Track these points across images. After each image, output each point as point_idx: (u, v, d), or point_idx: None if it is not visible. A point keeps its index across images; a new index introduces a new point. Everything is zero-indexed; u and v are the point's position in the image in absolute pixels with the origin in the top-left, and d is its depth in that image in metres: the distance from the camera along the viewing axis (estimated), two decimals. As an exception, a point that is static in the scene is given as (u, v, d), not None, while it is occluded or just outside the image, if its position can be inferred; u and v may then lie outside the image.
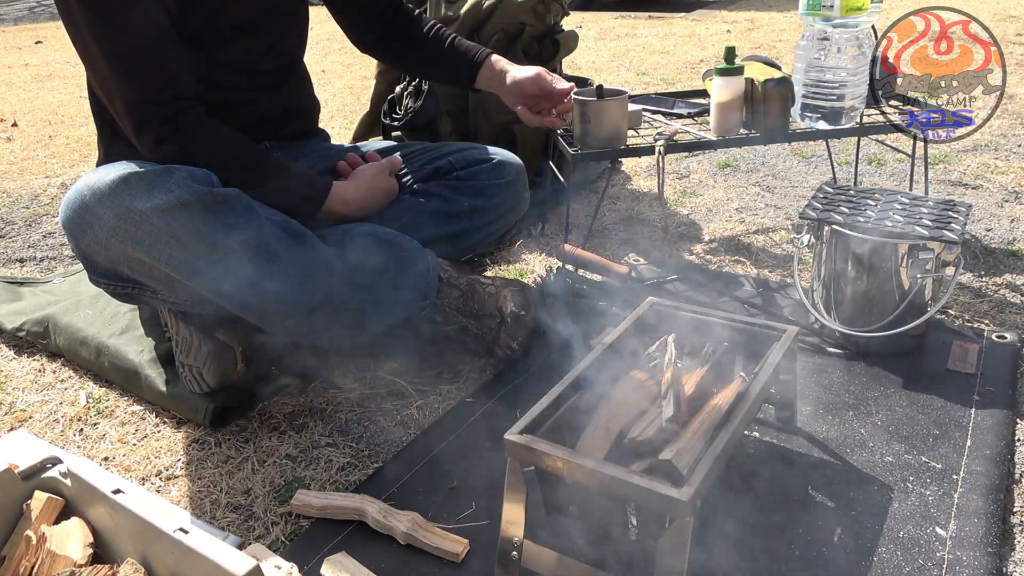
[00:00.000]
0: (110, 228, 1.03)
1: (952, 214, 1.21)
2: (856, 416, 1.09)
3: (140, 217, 1.02)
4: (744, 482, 0.98)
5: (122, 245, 1.05)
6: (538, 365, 1.27)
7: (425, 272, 1.22)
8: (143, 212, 1.02)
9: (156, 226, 1.02)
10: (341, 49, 4.90)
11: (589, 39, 4.58)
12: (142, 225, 1.02)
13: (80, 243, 1.08)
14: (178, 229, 1.03)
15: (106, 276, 1.13)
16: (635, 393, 0.92)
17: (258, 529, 0.96)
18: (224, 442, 1.13)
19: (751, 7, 5.59)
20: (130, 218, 1.02)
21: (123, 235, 1.03)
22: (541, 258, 1.69)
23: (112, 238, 1.04)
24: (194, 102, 1.14)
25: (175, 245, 1.03)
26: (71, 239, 1.09)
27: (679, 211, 1.93)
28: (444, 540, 0.89)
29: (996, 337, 1.25)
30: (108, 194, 1.03)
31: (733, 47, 1.47)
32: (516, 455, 0.81)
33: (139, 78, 1.09)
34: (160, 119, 1.11)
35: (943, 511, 0.91)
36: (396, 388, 1.24)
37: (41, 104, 3.69)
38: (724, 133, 1.50)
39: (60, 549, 0.77)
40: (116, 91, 1.10)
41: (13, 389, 1.30)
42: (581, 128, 1.47)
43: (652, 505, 0.74)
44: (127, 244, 1.04)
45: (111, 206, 1.03)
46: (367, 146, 1.50)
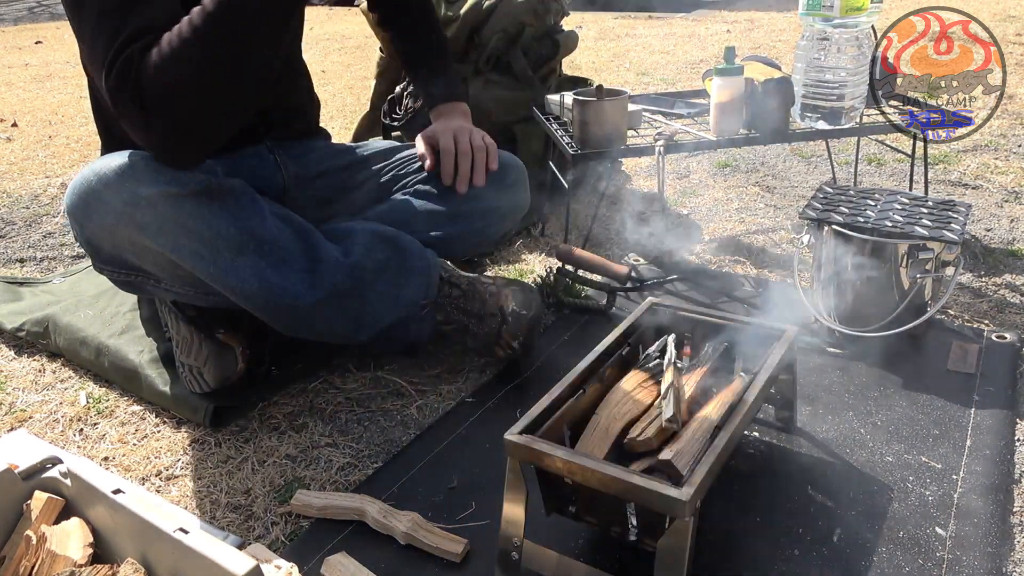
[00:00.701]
0: (116, 213, 1.03)
1: (952, 214, 1.21)
2: (856, 416, 1.09)
3: (146, 203, 1.02)
4: (744, 482, 0.98)
5: (127, 231, 1.05)
6: (538, 365, 1.27)
7: (426, 271, 1.22)
8: (149, 198, 1.02)
9: (162, 212, 1.02)
10: (341, 49, 4.90)
11: (589, 39, 4.58)
12: (148, 211, 1.02)
13: (85, 229, 1.08)
14: (183, 216, 1.03)
15: (110, 263, 1.13)
16: (635, 393, 0.92)
17: (258, 529, 0.96)
18: (224, 442, 1.13)
19: (751, 7, 5.59)
20: (136, 203, 1.02)
21: (128, 220, 1.03)
22: (541, 258, 1.69)
23: (118, 223, 1.04)
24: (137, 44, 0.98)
25: (180, 232, 1.03)
26: (75, 225, 1.09)
27: (679, 211, 1.93)
28: (444, 540, 0.89)
29: (996, 337, 1.25)
30: (114, 180, 1.03)
31: (733, 47, 1.47)
32: (516, 455, 0.81)
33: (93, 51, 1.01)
34: (111, 82, 0.98)
35: (943, 511, 0.91)
36: (396, 388, 1.24)
37: (41, 104, 3.69)
38: (724, 133, 1.50)
39: (60, 549, 0.77)
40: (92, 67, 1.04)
41: (13, 389, 1.30)
42: (581, 128, 1.47)
43: (652, 505, 0.74)
44: (132, 230, 1.04)
45: (117, 191, 1.03)
46: (367, 146, 1.50)
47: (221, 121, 1.05)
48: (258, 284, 1.06)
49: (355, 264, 1.15)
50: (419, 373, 1.27)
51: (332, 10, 7.03)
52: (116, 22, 0.98)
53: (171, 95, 0.98)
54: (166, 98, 0.99)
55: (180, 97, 0.99)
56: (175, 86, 0.98)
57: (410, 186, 1.43)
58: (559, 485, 0.82)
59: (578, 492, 0.81)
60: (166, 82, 0.97)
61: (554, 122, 1.68)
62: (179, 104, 0.99)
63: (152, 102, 0.98)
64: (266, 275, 1.07)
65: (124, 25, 0.98)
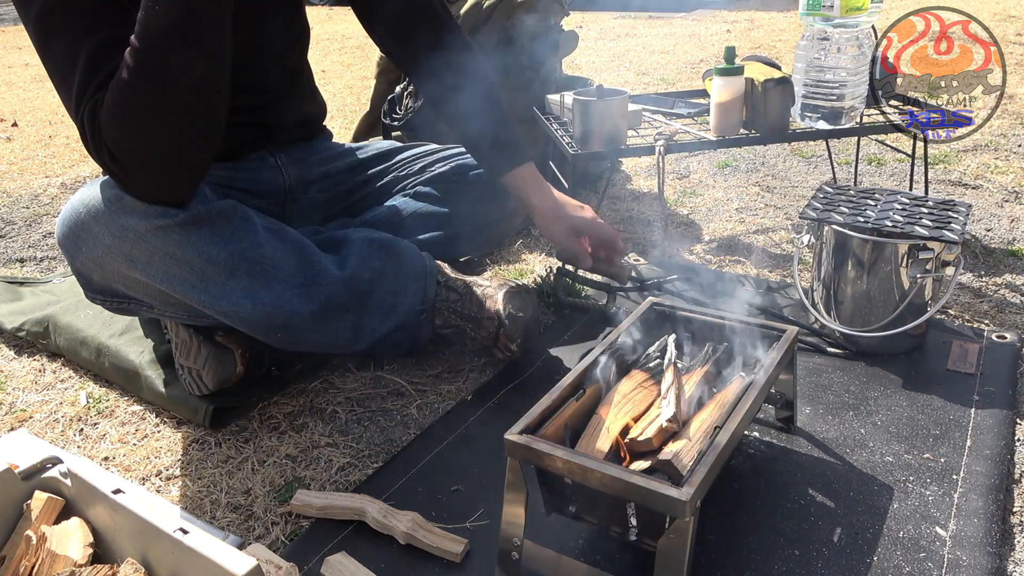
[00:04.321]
0: (105, 247, 1.03)
1: (952, 214, 1.21)
2: (856, 416, 1.09)
3: (135, 235, 1.01)
4: (744, 482, 0.98)
5: (116, 264, 1.04)
6: (538, 365, 1.27)
7: (423, 276, 1.21)
8: (137, 230, 1.01)
9: (151, 244, 1.01)
10: (341, 49, 4.90)
11: (589, 39, 4.58)
12: (137, 244, 1.01)
13: (76, 261, 1.08)
14: (172, 246, 1.02)
15: (101, 293, 1.12)
16: (635, 393, 0.92)
17: (258, 529, 0.96)
18: (224, 442, 1.13)
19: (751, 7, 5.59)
20: (125, 236, 1.01)
21: (118, 253, 1.03)
22: (541, 258, 1.69)
23: (107, 256, 1.03)
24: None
25: (170, 262, 1.02)
26: (67, 256, 1.08)
27: (679, 211, 1.93)
28: (444, 540, 0.89)
29: (996, 337, 1.25)
30: (103, 212, 1.02)
31: (733, 47, 1.47)
32: (516, 455, 0.81)
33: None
34: (83, 137, 0.99)
35: (943, 511, 0.91)
36: (396, 388, 1.24)
37: (41, 104, 3.69)
38: (724, 133, 1.50)
39: (60, 549, 0.77)
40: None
41: (13, 389, 1.30)
42: (581, 128, 1.47)
43: (652, 505, 0.74)
44: (121, 263, 1.03)
45: (106, 224, 1.02)
46: (368, 147, 1.50)
47: (189, 154, 1.01)
48: (251, 305, 1.05)
49: (351, 276, 1.14)
50: (419, 373, 1.27)
51: (332, 10, 7.04)
52: (72, 78, 0.97)
53: (129, 140, 0.97)
54: (125, 145, 0.97)
55: (139, 141, 0.97)
56: (129, 132, 0.96)
57: (410, 188, 1.43)
58: (559, 485, 0.82)
59: (578, 492, 0.81)
60: (120, 130, 0.96)
61: (554, 122, 1.68)
62: (143, 148, 0.97)
63: (117, 150, 0.97)
64: (259, 295, 1.06)
65: (82, 81, 0.96)
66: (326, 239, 1.23)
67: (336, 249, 1.19)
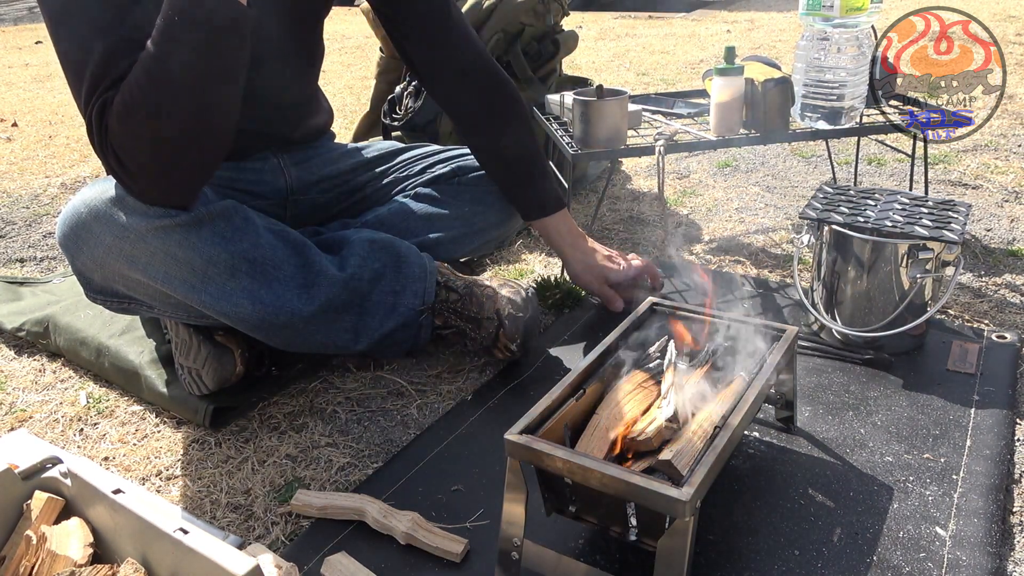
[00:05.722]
0: (105, 247, 1.03)
1: (952, 214, 1.21)
2: (856, 416, 1.09)
3: (136, 236, 1.01)
4: (744, 482, 0.98)
5: (117, 264, 1.04)
6: (538, 365, 1.27)
7: (423, 277, 1.21)
8: (139, 231, 1.01)
9: (152, 245, 1.01)
10: (341, 49, 4.90)
11: (589, 39, 4.58)
12: (138, 244, 1.02)
13: (76, 261, 1.08)
14: (173, 247, 1.02)
15: (102, 293, 1.12)
16: (635, 393, 0.92)
17: (258, 529, 0.96)
18: (224, 442, 1.13)
19: (751, 7, 5.59)
20: (126, 236, 1.01)
21: (118, 254, 1.03)
22: (541, 258, 1.69)
23: (107, 256, 1.04)
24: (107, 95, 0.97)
25: (171, 263, 1.03)
26: (67, 256, 1.09)
27: (679, 211, 1.93)
28: (444, 540, 0.89)
29: (996, 337, 1.25)
30: (104, 212, 1.02)
31: (733, 47, 1.47)
32: (516, 455, 0.81)
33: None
34: (90, 135, 0.99)
35: (943, 511, 0.91)
36: (396, 388, 1.24)
37: (41, 104, 3.69)
38: (724, 133, 1.50)
39: (60, 549, 0.77)
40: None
41: (13, 389, 1.30)
42: (581, 128, 1.47)
43: (652, 505, 0.74)
44: (122, 263, 1.04)
45: (107, 224, 1.02)
46: (369, 148, 1.50)
47: (195, 164, 1.01)
48: (251, 305, 1.06)
49: (351, 276, 1.15)
50: (419, 373, 1.27)
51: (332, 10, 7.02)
52: (84, 71, 0.97)
53: (136, 147, 0.97)
54: (131, 150, 0.97)
55: (146, 148, 0.97)
56: (136, 139, 0.96)
57: (411, 188, 1.44)
58: (559, 485, 0.82)
59: (578, 492, 0.81)
60: (128, 136, 0.96)
61: (554, 122, 1.68)
62: (149, 155, 0.97)
63: (122, 154, 0.97)
64: (260, 295, 1.06)
65: (94, 76, 0.96)
66: (326, 240, 1.23)
67: (336, 250, 1.19)
